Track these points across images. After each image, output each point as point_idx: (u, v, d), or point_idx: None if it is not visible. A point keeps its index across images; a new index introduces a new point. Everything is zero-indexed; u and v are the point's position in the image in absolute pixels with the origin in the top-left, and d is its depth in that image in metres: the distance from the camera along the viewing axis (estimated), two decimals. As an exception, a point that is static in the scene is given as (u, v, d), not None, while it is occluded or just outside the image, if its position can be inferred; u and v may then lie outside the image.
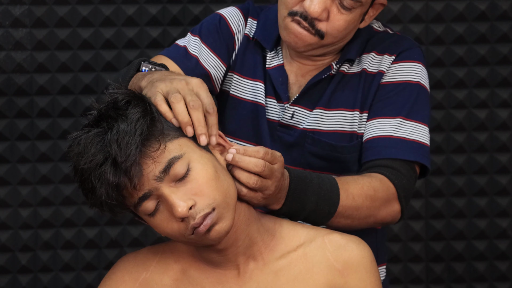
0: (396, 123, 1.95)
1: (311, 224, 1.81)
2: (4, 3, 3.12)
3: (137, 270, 1.72)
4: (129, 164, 1.55)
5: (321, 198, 1.80)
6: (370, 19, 1.99)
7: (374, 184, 1.89)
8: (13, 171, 3.13)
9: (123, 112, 1.58)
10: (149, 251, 1.75)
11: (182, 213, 1.57)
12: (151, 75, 1.73)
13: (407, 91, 1.97)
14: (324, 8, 1.90)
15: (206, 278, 1.71)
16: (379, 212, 1.90)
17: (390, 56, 2.00)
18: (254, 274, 1.70)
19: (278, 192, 1.71)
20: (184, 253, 1.73)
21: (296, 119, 2.01)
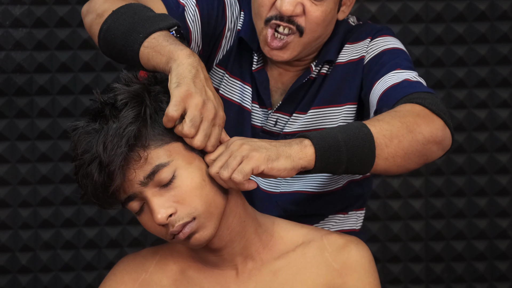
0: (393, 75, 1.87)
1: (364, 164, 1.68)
2: (4, 3, 3.12)
3: (136, 271, 1.73)
4: (112, 168, 1.56)
5: (342, 127, 1.68)
6: (348, 10, 1.97)
7: (393, 109, 1.76)
8: (13, 171, 3.13)
9: (117, 113, 1.58)
10: (148, 252, 1.76)
11: (161, 220, 1.59)
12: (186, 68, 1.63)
13: (393, 54, 1.94)
14: (296, 4, 1.87)
15: (205, 279, 1.71)
16: (419, 126, 1.72)
17: (364, 40, 1.99)
18: (253, 274, 1.71)
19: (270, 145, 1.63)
20: (183, 254, 1.74)
21: (279, 126, 1.99)
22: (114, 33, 1.76)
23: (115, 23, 1.76)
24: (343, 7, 1.97)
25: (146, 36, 1.71)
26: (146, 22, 1.74)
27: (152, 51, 1.70)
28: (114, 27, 1.76)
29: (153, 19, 1.74)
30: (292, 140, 1.65)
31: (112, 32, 1.76)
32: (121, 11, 1.78)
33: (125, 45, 1.74)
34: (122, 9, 1.78)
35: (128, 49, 1.74)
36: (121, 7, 1.79)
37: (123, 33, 1.74)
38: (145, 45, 1.71)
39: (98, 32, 1.80)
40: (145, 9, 1.78)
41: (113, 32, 1.76)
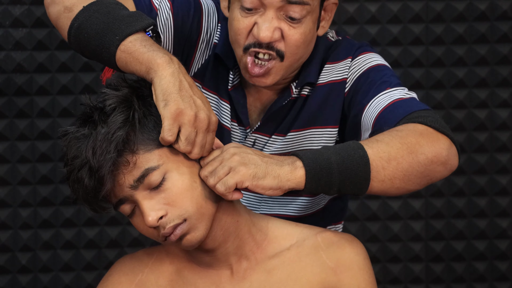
0: (385, 96, 1.82)
1: (358, 186, 1.65)
2: (4, 3, 3.12)
3: (133, 271, 1.74)
4: (102, 174, 1.57)
5: (338, 148, 1.65)
6: (327, 24, 1.90)
7: (395, 128, 1.71)
8: (13, 171, 3.13)
9: (105, 118, 1.58)
10: (144, 253, 1.77)
11: (152, 223, 1.59)
12: (168, 81, 1.61)
13: (379, 72, 1.88)
14: (274, 29, 1.79)
15: (200, 279, 1.71)
16: (422, 146, 1.67)
17: (345, 60, 1.93)
18: (247, 273, 1.71)
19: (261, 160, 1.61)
20: (178, 255, 1.74)
21: (258, 146, 1.95)
22: (87, 32, 1.72)
23: (88, 21, 1.72)
24: (322, 22, 1.89)
25: (122, 38, 1.68)
26: (121, 23, 1.70)
27: (130, 56, 1.67)
28: (87, 25, 1.72)
29: (128, 19, 1.70)
30: (285, 158, 1.64)
31: (84, 31, 1.72)
32: (93, 8, 1.73)
33: (100, 46, 1.70)
34: (94, 5, 1.74)
35: (103, 50, 1.70)
36: (93, 4, 1.74)
37: (97, 33, 1.71)
38: (122, 49, 1.68)
39: (68, 28, 1.75)
40: (118, 7, 1.74)
41: (86, 31, 1.72)
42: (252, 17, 1.80)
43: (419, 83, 3.19)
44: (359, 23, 3.19)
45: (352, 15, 3.18)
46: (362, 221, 3.22)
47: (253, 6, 1.79)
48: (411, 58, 3.19)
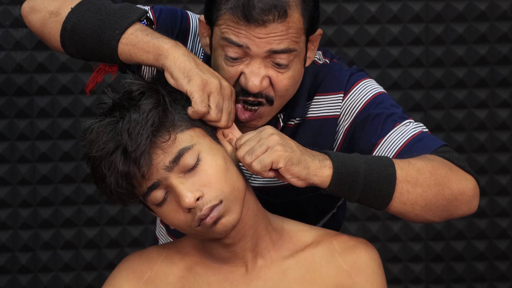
0: (397, 133, 1.80)
1: (377, 200, 1.66)
2: (4, 3, 3.12)
3: (141, 269, 1.73)
4: (139, 153, 1.56)
5: (370, 159, 1.65)
6: (313, 54, 1.83)
7: (425, 157, 1.71)
8: (13, 171, 3.13)
9: (136, 102, 1.59)
10: (154, 250, 1.76)
11: (189, 204, 1.58)
12: (183, 61, 1.63)
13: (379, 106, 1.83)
14: (262, 78, 1.72)
15: (213, 275, 1.71)
16: (450, 181, 1.68)
17: (337, 94, 1.86)
18: (262, 272, 1.71)
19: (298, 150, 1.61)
20: (191, 250, 1.73)
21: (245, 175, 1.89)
22: (82, 32, 1.71)
23: (81, 21, 1.71)
24: (308, 53, 1.81)
25: (122, 32, 1.68)
26: (116, 17, 1.70)
27: (134, 48, 1.68)
28: (81, 25, 1.71)
29: (122, 12, 1.70)
30: (317, 153, 1.64)
31: (80, 32, 1.71)
32: (83, 8, 1.72)
33: (99, 43, 1.70)
34: (83, 5, 1.73)
35: (103, 47, 1.70)
36: (81, 3, 1.73)
37: (94, 31, 1.70)
38: (124, 42, 1.68)
39: (60, 32, 1.74)
40: (106, 2, 1.73)
41: (81, 31, 1.71)
42: (238, 66, 1.73)
43: (419, 83, 3.20)
44: (359, 23, 3.19)
45: (352, 15, 3.18)
46: (362, 221, 3.22)
47: (238, 56, 1.72)
48: (411, 58, 3.19)
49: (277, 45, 1.70)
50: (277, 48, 1.70)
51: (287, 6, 1.69)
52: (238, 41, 1.70)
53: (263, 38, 1.69)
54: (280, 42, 1.70)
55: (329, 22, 3.18)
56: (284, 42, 1.70)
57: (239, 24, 1.69)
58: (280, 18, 1.68)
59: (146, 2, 3.15)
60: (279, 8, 1.68)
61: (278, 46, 1.70)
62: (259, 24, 1.68)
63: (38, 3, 1.79)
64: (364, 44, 3.19)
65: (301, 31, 1.73)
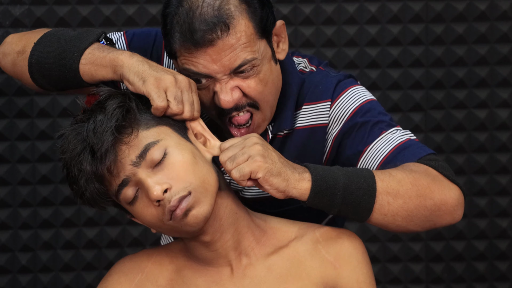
0: (383, 141, 1.79)
1: (357, 213, 1.66)
2: (4, 3, 3.12)
3: (132, 272, 1.75)
4: (104, 150, 1.59)
5: (350, 172, 1.66)
6: (285, 45, 1.82)
7: (407, 167, 1.72)
8: (13, 171, 3.14)
9: (102, 104, 1.63)
10: (144, 253, 1.78)
11: (157, 196, 1.60)
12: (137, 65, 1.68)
13: (366, 114, 1.83)
14: (232, 90, 1.73)
15: (200, 277, 1.72)
16: (432, 192, 1.68)
17: (324, 102, 1.86)
18: (247, 270, 1.72)
19: (279, 161, 1.61)
20: (178, 254, 1.76)
21: (234, 186, 1.89)
22: (46, 62, 1.77)
23: (43, 52, 1.78)
24: (279, 47, 1.81)
25: (80, 53, 1.74)
26: (74, 41, 1.76)
27: (93, 66, 1.73)
28: (44, 56, 1.78)
29: (80, 36, 1.77)
30: (298, 166, 1.65)
31: (43, 62, 1.78)
32: (44, 41, 1.80)
33: (62, 68, 1.76)
34: (44, 38, 1.80)
35: (67, 72, 1.76)
36: (42, 37, 1.81)
37: (56, 58, 1.76)
38: (83, 62, 1.74)
39: (27, 67, 1.81)
40: (66, 31, 1.81)
41: (45, 61, 1.78)
42: (208, 88, 1.75)
43: (419, 83, 3.20)
44: (359, 23, 3.19)
45: (352, 15, 3.18)
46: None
47: (204, 80, 1.74)
48: (411, 58, 3.19)
49: (234, 62, 1.71)
50: (235, 65, 1.72)
51: (229, 18, 1.70)
52: (197, 71, 1.72)
53: (218, 60, 1.70)
54: (236, 58, 1.71)
55: (329, 22, 3.18)
56: (240, 55, 1.71)
57: (191, 51, 1.71)
58: (225, 32, 1.70)
59: (147, 4, 3.15)
60: (220, 23, 1.69)
61: (236, 62, 1.71)
62: (208, 45, 1.69)
63: (7, 47, 1.88)
64: (364, 44, 3.19)
65: (254, 36, 1.73)
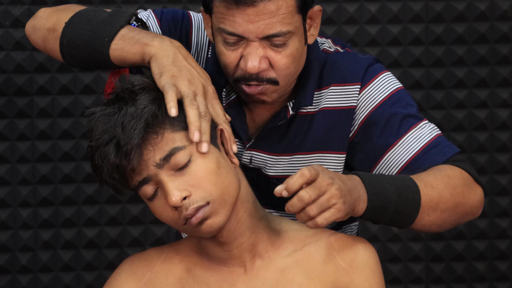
0: (413, 136, 1.85)
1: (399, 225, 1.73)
2: (4, 3, 3.12)
3: (141, 270, 1.74)
4: (129, 148, 1.58)
5: (400, 188, 1.70)
6: (316, 30, 1.84)
7: (446, 172, 1.79)
8: (13, 171, 3.13)
9: (134, 96, 1.62)
10: (153, 251, 1.76)
11: (175, 202, 1.60)
12: (161, 58, 1.68)
13: (396, 104, 1.87)
14: (261, 58, 1.75)
15: (212, 276, 1.71)
16: (464, 199, 1.78)
17: (354, 85, 1.88)
18: (260, 271, 1.71)
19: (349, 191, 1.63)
20: (189, 252, 1.74)
21: (255, 163, 1.91)
22: (77, 45, 1.77)
23: (74, 34, 1.77)
24: (310, 31, 1.83)
25: (111, 38, 1.74)
26: (105, 25, 1.76)
27: (123, 52, 1.73)
28: (75, 38, 1.77)
29: (111, 19, 1.76)
30: (356, 185, 1.65)
31: (75, 44, 1.77)
32: (75, 21, 1.79)
33: (93, 52, 1.76)
34: (75, 18, 1.79)
35: (97, 56, 1.76)
36: (73, 17, 1.79)
37: (87, 42, 1.76)
38: (113, 47, 1.74)
39: (59, 47, 1.80)
40: (97, 12, 1.79)
41: (76, 43, 1.77)
42: (237, 50, 1.77)
43: (419, 83, 3.20)
44: (359, 23, 3.19)
45: (352, 15, 3.18)
46: (362, 221, 3.22)
47: (236, 40, 1.76)
48: (411, 58, 3.19)
49: (270, 29, 1.73)
50: (270, 33, 1.73)
51: None
52: (232, 31, 1.74)
53: (255, 21, 1.72)
54: (272, 27, 1.73)
55: (329, 22, 3.18)
56: (276, 25, 1.73)
57: (230, 10, 1.72)
58: None
59: (147, 4, 3.15)
60: None
61: (271, 30, 1.73)
62: (249, 5, 1.71)
63: (38, 21, 1.86)
64: (364, 44, 3.19)
65: (293, 9, 1.75)
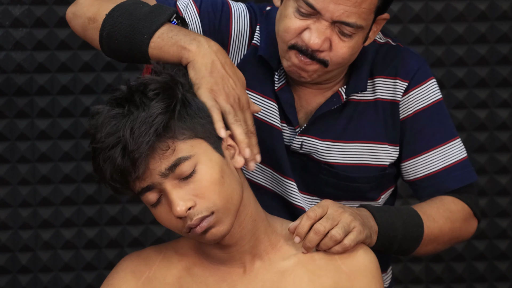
0: (441, 153, 1.94)
1: (402, 253, 1.86)
2: (4, 3, 3.12)
3: (140, 269, 1.73)
4: (137, 155, 1.56)
5: (406, 221, 1.83)
6: (374, 35, 1.90)
7: (448, 206, 1.92)
8: (13, 171, 3.13)
9: (147, 101, 1.58)
10: (152, 250, 1.76)
11: (180, 213, 1.59)
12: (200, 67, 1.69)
13: (434, 115, 1.94)
14: (325, 39, 1.79)
15: (211, 276, 1.71)
16: (460, 233, 1.94)
17: (403, 81, 1.93)
18: (260, 273, 1.71)
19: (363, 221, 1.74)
20: (188, 251, 1.73)
21: (306, 149, 1.93)
22: (116, 39, 1.76)
23: (114, 28, 1.76)
24: (370, 33, 1.88)
25: (150, 36, 1.73)
26: (145, 21, 1.74)
27: (161, 51, 1.72)
28: (114, 32, 1.76)
29: (151, 15, 1.74)
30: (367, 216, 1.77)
31: (114, 38, 1.77)
32: (116, 14, 1.77)
33: (132, 48, 1.75)
34: (116, 11, 1.78)
35: (136, 52, 1.75)
36: (114, 10, 1.78)
37: (126, 37, 1.75)
38: (152, 46, 1.73)
39: (98, 38, 1.80)
40: (138, 6, 1.77)
41: (115, 37, 1.76)
42: (305, 21, 1.79)
43: (419, 83, 3.20)
44: (359, 23, 3.19)
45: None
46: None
47: (310, 12, 1.79)
48: (411, 58, 3.19)
49: (347, 17, 1.77)
50: (346, 20, 1.77)
51: None
52: (312, 3, 1.77)
53: (338, 4, 1.76)
54: (349, 15, 1.77)
55: (329, 22, 3.18)
56: (354, 15, 1.78)
57: None
58: None
59: None
60: None
61: (348, 18, 1.78)
62: None
63: (79, 9, 1.85)
64: (364, 44, 3.19)
65: (373, 8, 1.81)
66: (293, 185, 1.94)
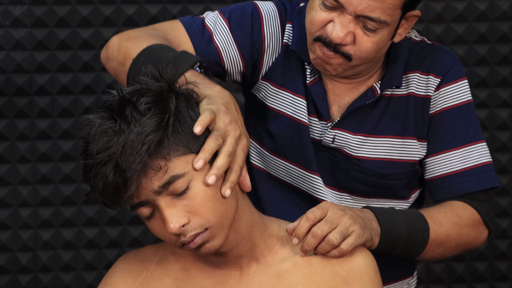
0: (461, 154, 1.94)
1: (407, 256, 1.86)
2: (4, 3, 3.12)
3: (137, 269, 1.72)
4: (129, 174, 1.53)
5: (411, 225, 1.82)
6: (405, 32, 1.89)
7: (457, 211, 1.91)
8: (13, 171, 3.13)
9: (139, 116, 1.54)
10: (150, 250, 1.75)
11: (174, 230, 1.58)
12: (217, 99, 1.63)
13: (461, 115, 1.95)
14: (348, 32, 1.81)
15: (207, 278, 1.70)
16: (469, 239, 1.92)
17: (436, 77, 1.94)
18: (256, 275, 1.70)
19: (363, 221, 1.73)
20: (185, 253, 1.72)
21: (338, 143, 1.94)
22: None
23: (140, 73, 1.73)
24: (400, 30, 1.88)
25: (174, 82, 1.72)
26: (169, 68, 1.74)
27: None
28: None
29: (176, 62, 1.72)
30: (370, 218, 1.76)
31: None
32: (141, 59, 1.77)
33: None
34: (142, 56, 1.78)
35: None
36: (140, 54, 1.78)
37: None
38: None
39: (126, 83, 1.81)
40: (164, 51, 1.76)
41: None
42: (330, 14, 1.82)
43: (419, 83, 3.20)
44: (359, 23, 3.19)
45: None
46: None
47: (334, 6, 1.80)
48: (411, 58, 3.19)
49: (370, 11, 1.78)
50: (369, 14, 1.78)
51: None
52: None
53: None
54: (373, 10, 1.78)
55: (329, 22, 3.18)
56: (378, 10, 1.78)
57: None
58: None
59: (147, 4, 3.15)
60: None
61: (371, 13, 1.78)
62: None
63: (110, 53, 1.88)
64: (364, 44, 3.19)
65: (399, 4, 1.81)
66: (318, 180, 1.95)
